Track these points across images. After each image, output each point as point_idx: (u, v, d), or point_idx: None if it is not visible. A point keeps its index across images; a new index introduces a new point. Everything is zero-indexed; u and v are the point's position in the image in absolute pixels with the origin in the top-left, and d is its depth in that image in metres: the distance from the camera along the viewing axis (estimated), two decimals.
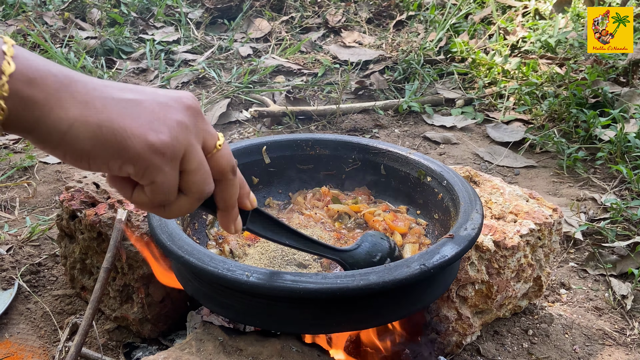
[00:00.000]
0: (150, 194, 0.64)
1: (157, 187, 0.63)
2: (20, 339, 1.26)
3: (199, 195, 0.67)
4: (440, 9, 3.40)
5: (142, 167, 0.60)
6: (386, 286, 0.82)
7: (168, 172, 0.62)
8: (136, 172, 0.61)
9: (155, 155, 0.60)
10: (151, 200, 0.65)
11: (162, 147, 0.60)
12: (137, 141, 0.59)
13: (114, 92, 0.59)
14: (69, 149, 0.57)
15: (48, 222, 1.66)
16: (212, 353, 0.88)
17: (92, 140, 0.57)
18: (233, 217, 0.74)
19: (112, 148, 0.58)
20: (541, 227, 1.24)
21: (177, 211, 0.68)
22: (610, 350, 1.28)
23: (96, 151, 0.58)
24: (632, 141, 1.98)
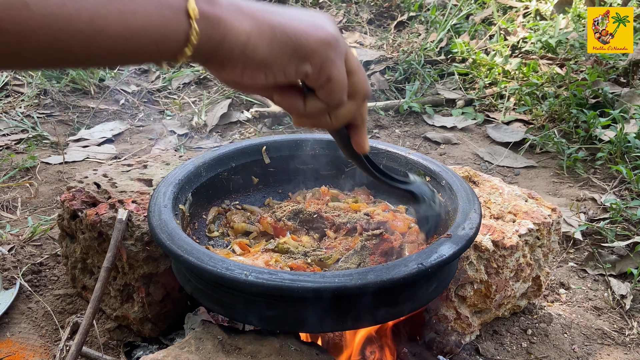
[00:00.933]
0: (327, 95, 0.66)
1: (333, 84, 0.65)
2: (22, 338, 1.27)
3: (365, 95, 0.70)
4: (441, 9, 3.40)
5: (318, 62, 0.62)
6: (384, 285, 0.83)
7: (341, 66, 0.65)
8: (314, 70, 0.63)
9: (329, 48, 0.62)
10: (327, 103, 0.67)
11: (332, 40, 0.63)
12: (310, 38, 0.61)
13: (270, 7, 0.62)
14: (249, 61, 0.59)
15: (49, 222, 1.66)
16: (211, 352, 0.89)
17: (269, 45, 0.59)
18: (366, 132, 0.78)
19: (288, 48, 0.60)
20: (540, 227, 1.24)
21: (344, 116, 0.70)
22: (609, 349, 1.28)
23: (274, 56, 0.60)
24: (632, 141, 1.98)
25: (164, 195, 1.04)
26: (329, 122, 0.70)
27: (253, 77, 0.61)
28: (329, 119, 0.70)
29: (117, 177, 1.32)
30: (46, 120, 2.41)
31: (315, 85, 0.66)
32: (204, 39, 0.55)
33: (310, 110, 0.68)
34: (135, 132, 2.38)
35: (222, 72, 0.61)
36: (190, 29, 0.54)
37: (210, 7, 0.55)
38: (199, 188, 1.17)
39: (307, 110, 0.68)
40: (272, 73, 0.61)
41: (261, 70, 0.61)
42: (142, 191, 1.26)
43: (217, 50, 0.57)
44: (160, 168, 1.38)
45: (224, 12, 0.57)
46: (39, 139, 2.26)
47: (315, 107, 0.67)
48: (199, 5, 0.54)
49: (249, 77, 0.61)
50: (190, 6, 0.53)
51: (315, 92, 0.67)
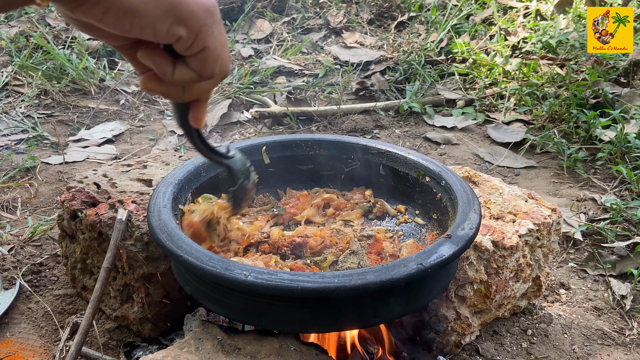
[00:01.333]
0: (200, 65, 0.61)
1: (209, 54, 0.60)
2: (22, 338, 1.27)
3: (225, 73, 0.65)
4: (442, 10, 3.40)
5: (195, 27, 0.57)
6: (383, 285, 0.83)
7: (217, 35, 0.60)
8: (189, 34, 0.57)
9: (209, 15, 0.57)
10: (199, 73, 0.61)
11: (213, 8, 0.58)
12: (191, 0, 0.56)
13: None
14: (115, 4, 0.52)
15: (49, 222, 1.66)
16: (210, 352, 0.89)
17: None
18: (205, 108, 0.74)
19: (165, 3, 0.54)
20: (540, 227, 1.24)
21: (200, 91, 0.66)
22: (609, 350, 1.28)
23: (146, 6, 0.53)
24: (632, 142, 1.98)
25: (164, 196, 1.04)
26: (182, 94, 0.65)
27: (115, 23, 0.54)
28: (182, 91, 0.65)
29: (117, 177, 1.32)
30: (46, 121, 2.41)
31: (187, 53, 0.60)
32: None
33: (178, 79, 0.62)
34: (135, 132, 2.38)
35: (79, 10, 0.52)
36: None
37: None
38: (199, 188, 1.17)
39: (175, 77, 0.62)
40: (139, 25, 0.54)
41: (127, 18, 0.53)
42: (142, 191, 1.26)
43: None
44: (160, 168, 1.38)
45: None
46: (39, 139, 2.26)
47: (185, 76, 0.61)
48: None
49: (110, 22, 0.53)
50: None
51: (184, 60, 0.61)
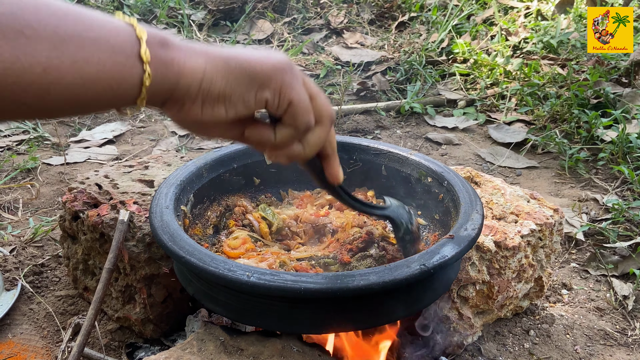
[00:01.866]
0: (292, 119, 0.66)
1: (296, 106, 0.65)
2: (23, 339, 1.27)
3: (330, 118, 0.71)
4: (443, 10, 3.40)
5: (276, 87, 0.63)
6: (386, 286, 0.82)
7: (300, 88, 0.65)
8: (273, 95, 0.64)
9: (284, 73, 0.64)
10: (295, 127, 0.67)
11: (286, 65, 0.64)
12: (264, 65, 0.63)
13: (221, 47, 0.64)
14: (207, 94, 0.60)
15: (51, 223, 1.66)
16: (213, 353, 0.89)
17: (225, 77, 0.61)
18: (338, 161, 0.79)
19: (243, 78, 0.62)
20: (542, 227, 1.24)
21: (314, 141, 0.70)
22: (612, 350, 1.28)
23: (231, 86, 0.61)
24: (633, 142, 1.98)
25: (166, 196, 1.03)
26: (302, 150, 0.70)
27: (213, 111, 0.62)
28: (301, 148, 0.70)
29: (118, 178, 1.32)
30: (47, 121, 2.41)
31: (278, 112, 0.66)
32: (159, 80, 0.57)
33: (281, 139, 0.68)
34: (136, 133, 2.38)
35: (182, 112, 0.61)
36: (144, 73, 0.55)
37: (164, 50, 0.57)
38: (201, 189, 1.17)
39: (278, 139, 0.68)
40: (233, 104, 0.62)
41: (221, 102, 0.61)
42: (144, 192, 1.26)
43: (174, 89, 0.59)
44: (162, 169, 1.38)
45: (177, 53, 0.59)
46: (40, 140, 2.26)
47: (285, 134, 0.68)
48: (152, 48, 0.56)
49: (209, 112, 0.62)
50: (142, 50, 0.55)
51: (281, 121, 0.67)
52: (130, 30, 0.55)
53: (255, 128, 0.68)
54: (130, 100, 0.57)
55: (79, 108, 0.55)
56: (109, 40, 0.53)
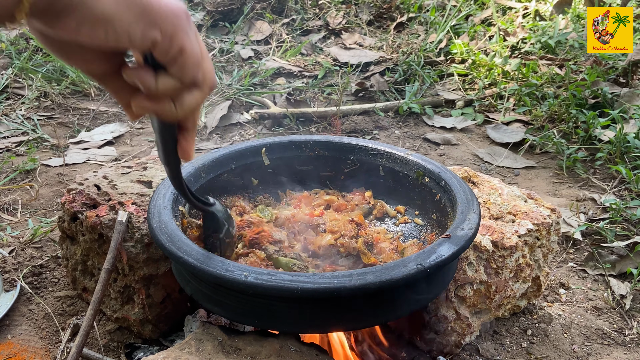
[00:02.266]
0: (180, 70, 0.61)
1: (187, 56, 0.60)
2: (23, 340, 1.27)
3: (212, 85, 0.66)
4: (441, 10, 3.40)
5: (169, 30, 0.58)
6: (383, 286, 0.83)
7: (194, 39, 0.60)
8: (164, 38, 0.58)
9: (180, 19, 0.58)
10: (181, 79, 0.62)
11: (184, 13, 0.59)
12: (161, 4, 0.57)
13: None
14: (88, 12, 0.53)
15: (50, 224, 1.67)
16: (211, 353, 0.89)
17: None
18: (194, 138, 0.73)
19: (135, 6, 0.55)
20: (539, 227, 1.24)
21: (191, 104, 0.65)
22: (609, 349, 1.28)
23: (119, 11, 0.54)
24: (631, 142, 1.98)
25: (164, 197, 1.04)
26: (174, 110, 0.65)
27: (91, 33, 0.55)
28: (174, 107, 0.65)
29: (117, 179, 1.32)
30: (46, 123, 2.42)
31: (166, 58, 0.60)
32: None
33: (163, 88, 0.62)
34: (135, 134, 2.39)
35: (56, 26, 0.54)
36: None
37: None
38: (199, 189, 1.17)
39: (159, 87, 0.62)
40: (115, 32, 0.55)
41: (101, 26, 0.54)
42: (142, 193, 1.27)
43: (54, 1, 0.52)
44: (160, 170, 1.38)
45: None
46: (39, 141, 2.26)
47: (168, 84, 0.62)
48: None
49: (87, 31, 0.55)
50: None
51: (167, 69, 0.61)
52: None
53: (136, 70, 0.61)
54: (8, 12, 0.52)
55: None
56: None
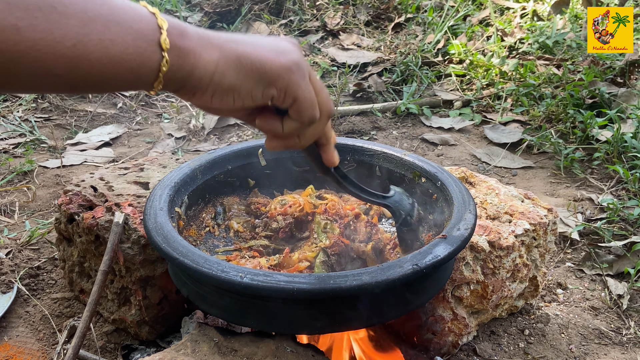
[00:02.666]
0: (298, 114, 0.72)
1: (301, 103, 0.71)
2: (19, 341, 1.27)
3: (328, 113, 0.76)
4: (439, 11, 3.40)
5: (282, 86, 0.69)
6: (379, 286, 0.83)
7: (306, 86, 0.71)
8: (279, 93, 0.69)
9: (291, 72, 0.69)
10: (300, 121, 0.73)
11: (293, 65, 0.69)
12: (273, 64, 0.68)
13: (237, 38, 0.69)
14: (217, 87, 0.66)
15: (47, 225, 1.67)
16: (207, 354, 0.89)
17: (235, 71, 0.66)
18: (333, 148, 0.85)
19: (253, 74, 0.67)
20: (536, 227, 1.24)
21: (311, 134, 0.77)
22: (607, 349, 1.28)
23: (240, 81, 0.66)
24: (628, 141, 1.99)
25: (160, 198, 1.04)
26: (298, 142, 0.77)
27: (222, 101, 0.67)
28: (298, 140, 0.77)
29: (113, 180, 1.32)
30: (44, 124, 2.42)
31: (284, 106, 0.72)
32: (176, 68, 0.62)
33: (287, 130, 0.74)
34: (133, 135, 2.39)
35: (193, 98, 0.67)
36: (162, 59, 0.60)
37: (182, 40, 0.62)
38: (196, 191, 1.17)
39: (285, 130, 0.74)
40: (241, 97, 0.68)
41: (229, 95, 0.67)
42: (139, 194, 1.27)
43: (187, 78, 0.64)
44: (157, 171, 1.38)
45: (194, 44, 0.63)
46: (36, 142, 2.26)
47: (291, 126, 0.74)
48: (172, 38, 0.60)
49: (218, 101, 0.67)
50: (162, 38, 0.59)
51: (288, 114, 0.73)
52: (152, 19, 0.60)
53: (265, 119, 0.74)
54: (147, 83, 0.61)
55: (103, 84, 0.59)
56: (132, 26, 0.58)
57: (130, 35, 0.57)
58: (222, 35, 0.67)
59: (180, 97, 0.68)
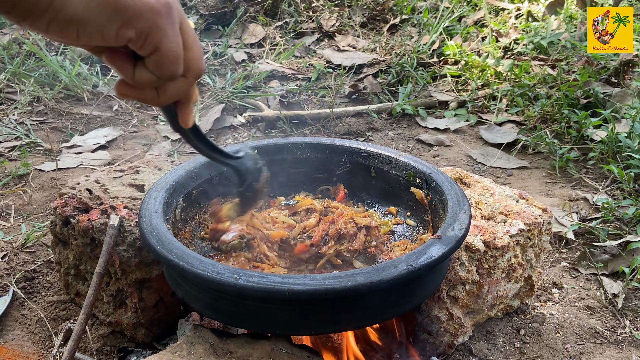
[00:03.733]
0: (156, 67, 0.61)
1: (163, 55, 0.60)
2: (15, 344, 1.26)
3: (199, 72, 0.66)
4: (434, 12, 3.41)
5: (144, 29, 0.57)
6: (373, 287, 0.83)
7: (172, 36, 0.60)
8: (137, 36, 0.58)
9: (157, 15, 0.58)
10: (157, 75, 0.62)
11: (162, 8, 0.58)
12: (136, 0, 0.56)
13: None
14: (56, 15, 0.54)
15: (43, 228, 1.66)
16: (202, 356, 0.89)
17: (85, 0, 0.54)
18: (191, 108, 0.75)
19: (108, 6, 0.55)
20: (531, 227, 1.25)
21: (173, 93, 0.65)
22: (602, 348, 1.29)
23: (90, 12, 0.54)
24: (623, 141, 1.99)
25: (155, 200, 1.04)
26: (156, 97, 0.66)
27: (62, 32, 0.56)
28: (157, 95, 0.66)
29: (109, 183, 1.32)
30: (39, 127, 2.41)
31: (142, 54, 0.61)
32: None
33: (139, 80, 0.63)
34: (128, 138, 2.38)
35: (23, 23, 0.55)
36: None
37: None
38: (190, 192, 1.18)
39: (136, 79, 0.63)
40: (86, 33, 0.56)
41: (71, 26, 0.55)
42: (134, 197, 1.27)
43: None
44: (153, 173, 1.38)
45: None
46: (32, 146, 2.26)
47: (144, 77, 0.62)
48: None
49: (56, 32, 0.56)
50: None
51: (144, 61, 0.62)
52: None
53: (114, 59, 0.62)
54: None
55: None
56: None
57: None
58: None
59: (11, 21, 0.55)
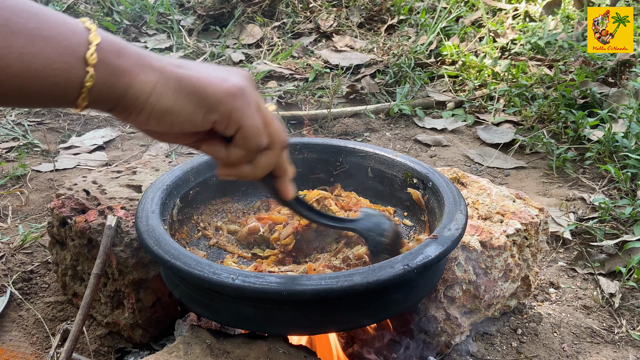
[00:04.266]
0: (243, 142, 0.69)
1: (246, 130, 0.68)
2: (12, 346, 1.26)
3: (282, 144, 0.73)
4: (431, 12, 3.42)
5: (225, 111, 0.66)
6: (370, 287, 0.83)
7: (251, 114, 0.68)
8: (221, 118, 0.66)
9: (234, 98, 0.66)
10: (245, 149, 0.70)
11: (237, 91, 0.66)
12: (215, 88, 0.65)
13: (182, 62, 0.66)
14: (153, 109, 0.63)
15: (40, 229, 1.66)
16: (199, 356, 0.89)
17: (174, 94, 0.63)
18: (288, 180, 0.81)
19: (193, 97, 0.64)
20: (527, 227, 1.25)
21: (264, 164, 0.73)
22: (599, 348, 1.29)
23: (179, 104, 0.64)
24: (620, 141, 2.00)
25: (152, 201, 1.04)
26: (252, 171, 0.74)
27: (159, 124, 0.65)
28: (251, 169, 0.73)
29: (106, 183, 1.32)
30: (37, 128, 2.41)
31: (228, 133, 0.69)
32: (106, 86, 0.59)
33: (232, 157, 0.71)
34: (126, 138, 2.38)
35: (128, 119, 0.64)
36: (86, 74, 0.58)
37: (117, 59, 0.60)
38: (188, 193, 1.18)
39: (230, 157, 0.71)
40: (179, 121, 0.65)
41: (167, 118, 0.64)
42: (132, 197, 1.27)
43: (121, 98, 0.61)
44: (150, 174, 1.38)
45: (131, 64, 0.61)
46: (29, 146, 2.26)
47: (236, 154, 0.71)
48: (104, 54, 0.59)
49: (155, 124, 0.64)
50: (89, 53, 0.58)
51: (233, 141, 0.70)
52: (85, 34, 0.58)
53: (209, 144, 0.71)
54: (71, 99, 0.59)
55: (25, 98, 0.58)
56: (61, 41, 0.57)
57: (57, 50, 0.56)
58: (166, 58, 0.65)
59: (116, 117, 0.65)
